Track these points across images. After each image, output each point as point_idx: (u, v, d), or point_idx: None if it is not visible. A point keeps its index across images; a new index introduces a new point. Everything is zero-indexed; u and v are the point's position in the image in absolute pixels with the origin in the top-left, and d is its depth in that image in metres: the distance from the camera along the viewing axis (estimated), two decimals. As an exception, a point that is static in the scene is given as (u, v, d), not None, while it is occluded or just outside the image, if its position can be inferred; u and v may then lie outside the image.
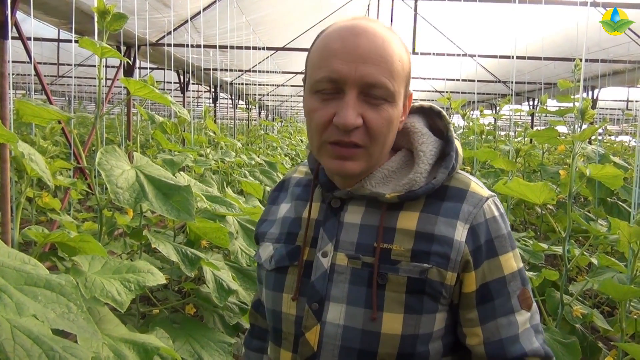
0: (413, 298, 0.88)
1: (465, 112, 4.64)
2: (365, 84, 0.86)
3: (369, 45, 0.86)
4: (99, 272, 1.31)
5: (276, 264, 1.00)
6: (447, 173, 0.93)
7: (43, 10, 4.55)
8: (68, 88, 14.05)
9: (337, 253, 0.93)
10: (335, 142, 0.88)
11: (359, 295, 0.89)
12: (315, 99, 0.90)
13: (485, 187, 0.97)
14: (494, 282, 0.90)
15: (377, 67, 0.85)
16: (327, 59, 0.87)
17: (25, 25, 5.07)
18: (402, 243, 0.90)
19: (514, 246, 0.94)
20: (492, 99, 13.12)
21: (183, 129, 2.87)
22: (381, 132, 0.88)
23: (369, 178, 0.94)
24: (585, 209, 3.58)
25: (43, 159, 1.39)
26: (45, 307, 0.67)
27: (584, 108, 2.14)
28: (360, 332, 0.89)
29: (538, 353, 0.90)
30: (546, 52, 7.01)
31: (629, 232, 1.75)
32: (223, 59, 8.72)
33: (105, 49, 1.50)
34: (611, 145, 8.80)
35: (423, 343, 0.89)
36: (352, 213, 0.95)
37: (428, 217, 0.91)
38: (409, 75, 0.94)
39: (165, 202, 1.44)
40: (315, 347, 0.92)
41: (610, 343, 2.65)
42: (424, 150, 0.95)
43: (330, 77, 0.86)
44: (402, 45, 0.92)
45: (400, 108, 0.92)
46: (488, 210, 0.92)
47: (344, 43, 0.87)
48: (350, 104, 0.85)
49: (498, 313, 0.90)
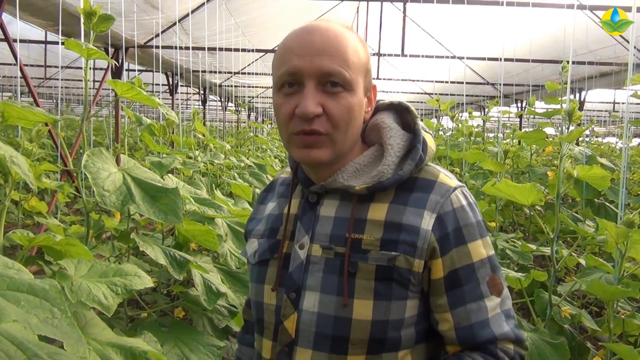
0: (382, 285, 0.93)
1: (454, 114, 4.66)
2: (322, 74, 0.92)
3: (322, 40, 0.93)
4: (86, 276, 1.29)
5: (259, 257, 1.06)
6: (413, 164, 0.97)
7: (29, 12, 4.51)
8: (55, 90, 13.96)
9: (313, 245, 0.99)
10: (300, 132, 0.94)
11: (332, 284, 0.95)
12: (280, 95, 0.97)
13: (455, 178, 1.02)
14: (462, 269, 0.94)
15: (331, 58, 0.92)
16: (286, 57, 0.95)
17: (12, 27, 5.01)
18: (372, 233, 0.95)
19: (484, 234, 0.98)
20: (480, 100, 13.20)
21: (171, 131, 2.85)
22: (342, 118, 0.93)
23: (341, 172, 1.00)
24: (573, 210, 3.60)
25: (27, 161, 1.37)
26: (28, 313, 0.65)
27: (571, 110, 2.15)
28: (333, 319, 0.94)
29: (508, 336, 0.94)
30: (534, 54, 7.07)
31: (616, 233, 1.76)
32: (212, 61, 8.70)
33: (91, 51, 1.49)
34: (598, 147, 8.86)
35: (394, 329, 0.93)
36: (327, 206, 1.01)
37: (397, 208, 0.96)
38: (368, 67, 1.00)
39: (152, 204, 1.43)
40: (293, 334, 0.97)
41: (599, 343, 2.67)
42: (392, 144, 1.00)
43: (289, 71, 0.93)
44: (357, 39, 0.98)
45: (361, 97, 0.98)
46: (456, 200, 0.97)
47: (299, 41, 0.95)
48: (310, 94, 0.92)
49: (467, 299, 0.94)
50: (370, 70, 1.02)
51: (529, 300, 2.09)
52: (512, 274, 2.03)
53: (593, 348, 2.17)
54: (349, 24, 1.04)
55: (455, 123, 4.79)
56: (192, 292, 2.15)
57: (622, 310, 2.20)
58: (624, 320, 2.08)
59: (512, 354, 0.94)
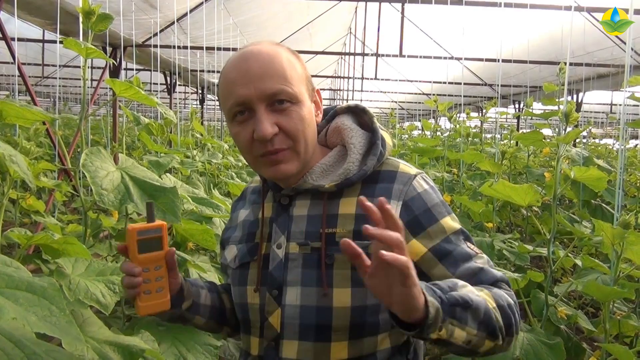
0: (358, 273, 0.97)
1: (451, 115, 4.66)
2: (268, 96, 0.99)
3: (258, 64, 0.99)
4: (83, 275, 1.30)
5: (239, 261, 1.12)
6: (375, 159, 1.06)
7: (27, 10, 4.50)
8: (53, 89, 13.93)
9: (290, 243, 1.05)
10: (265, 154, 1.01)
11: (311, 277, 1.01)
12: (235, 124, 1.03)
13: (414, 167, 1.11)
14: (442, 242, 1.02)
15: (271, 78, 0.98)
16: (230, 88, 1.01)
17: (9, 25, 5.00)
18: (344, 226, 1.02)
19: (450, 211, 1.07)
20: (478, 101, 13.22)
21: (169, 131, 2.85)
22: (297, 130, 1.01)
23: (309, 174, 1.07)
24: (570, 211, 3.61)
25: (25, 160, 1.37)
26: (26, 310, 0.66)
27: (568, 111, 2.16)
28: (315, 309, 1.01)
29: (504, 279, 1.03)
30: (532, 55, 7.08)
31: (612, 234, 1.77)
32: (210, 61, 8.69)
33: (90, 50, 1.49)
34: (595, 148, 8.88)
35: (372, 314, 1.00)
36: (299, 207, 1.07)
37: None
38: (306, 75, 1.07)
39: (150, 204, 1.43)
40: (279, 328, 1.03)
41: (594, 344, 2.67)
42: (354, 143, 1.08)
43: (237, 102, 1.00)
44: (289, 53, 1.05)
45: (309, 105, 1.05)
46: (418, 185, 1.06)
47: (238, 71, 1.00)
48: (263, 118, 0.98)
49: (460, 259, 1.01)
50: (310, 77, 1.09)
51: (525, 300, 2.10)
52: (509, 275, 2.03)
53: (589, 349, 2.17)
54: (277, 41, 1.11)
55: (452, 124, 4.79)
56: (189, 291, 2.14)
57: (618, 311, 2.21)
58: (620, 321, 2.09)
59: (512, 292, 1.02)
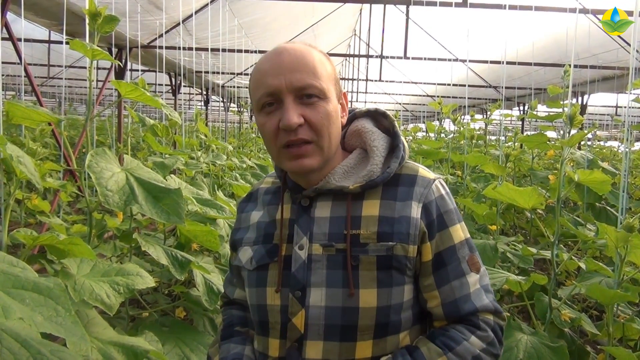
0: (383, 273, 1.02)
1: (456, 117, 4.66)
2: (297, 88, 1.02)
3: (291, 58, 1.03)
4: (88, 275, 1.30)
5: (257, 262, 1.11)
6: (398, 162, 1.09)
7: (34, 11, 4.52)
8: (59, 89, 13.97)
9: (312, 244, 1.06)
10: (288, 144, 1.03)
11: (337, 278, 1.03)
12: (262, 115, 1.06)
13: (431, 171, 1.13)
14: (446, 251, 1.06)
15: (301, 73, 1.02)
16: (262, 79, 1.04)
17: (16, 26, 5.03)
18: (368, 227, 1.04)
19: (461, 219, 1.10)
20: (482, 103, 13.19)
21: (174, 132, 2.85)
22: (322, 124, 1.03)
23: (331, 174, 1.09)
24: (574, 213, 3.60)
25: (32, 161, 1.38)
26: (32, 311, 0.66)
27: (573, 114, 2.15)
28: (341, 310, 1.02)
29: (488, 308, 1.05)
30: (536, 57, 7.07)
31: (616, 237, 1.77)
32: (215, 62, 8.71)
33: (96, 51, 1.50)
34: (600, 151, 8.86)
35: (396, 313, 1.03)
36: (320, 208, 1.09)
37: (388, 203, 1.06)
38: (336, 77, 1.11)
39: (155, 205, 1.44)
40: (302, 329, 1.03)
41: (598, 347, 2.66)
42: (377, 146, 1.10)
43: (267, 92, 1.03)
44: (321, 54, 1.09)
45: (336, 104, 1.08)
46: (436, 190, 1.09)
47: (271, 63, 1.04)
48: (290, 108, 1.01)
49: (451, 277, 1.05)
50: (338, 79, 1.12)
51: (529, 303, 2.09)
52: (513, 277, 2.03)
53: (593, 352, 2.17)
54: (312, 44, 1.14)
55: (457, 126, 4.78)
56: (193, 292, 2.16)
57: (621, 314, 2.20)
58: (624, 324, 2.08)
59: (492, 323, 1.05)
